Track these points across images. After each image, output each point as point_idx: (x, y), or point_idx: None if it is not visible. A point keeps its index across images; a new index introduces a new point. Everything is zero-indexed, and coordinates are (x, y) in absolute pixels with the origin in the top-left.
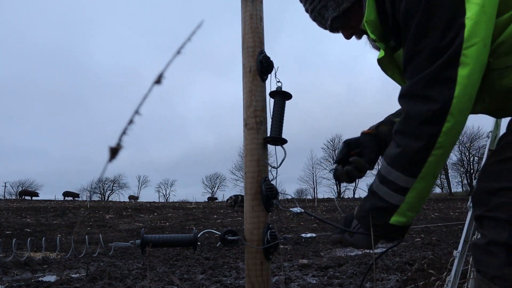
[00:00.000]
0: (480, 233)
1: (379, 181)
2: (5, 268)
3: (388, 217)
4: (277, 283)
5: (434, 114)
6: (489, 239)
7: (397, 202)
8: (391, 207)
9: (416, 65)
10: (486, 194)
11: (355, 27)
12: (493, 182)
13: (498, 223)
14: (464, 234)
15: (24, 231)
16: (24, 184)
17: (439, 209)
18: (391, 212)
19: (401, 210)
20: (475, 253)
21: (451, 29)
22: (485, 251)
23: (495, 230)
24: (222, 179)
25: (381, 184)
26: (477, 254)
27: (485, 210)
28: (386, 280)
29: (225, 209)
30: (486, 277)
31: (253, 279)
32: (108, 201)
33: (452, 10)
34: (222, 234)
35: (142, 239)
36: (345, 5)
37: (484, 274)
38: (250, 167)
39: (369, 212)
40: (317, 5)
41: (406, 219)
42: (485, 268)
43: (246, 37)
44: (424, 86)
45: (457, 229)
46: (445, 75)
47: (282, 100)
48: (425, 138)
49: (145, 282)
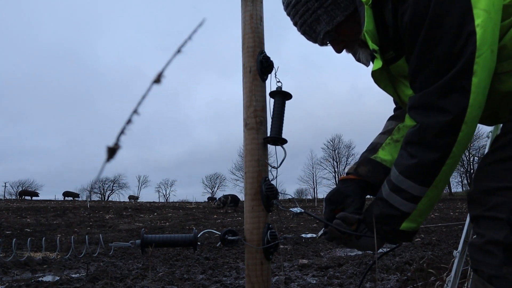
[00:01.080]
0: (476, 233)
1: (390, 189)
2: (5, 268)
3: (399, 224)
4: (277, 283)
5: (449, 124)
6: (486, 238)
7: (409, 210)
8: (402, 214)
9: (426, 75)
10: (484, 194)
11: (347, 41)
12: (491, 182)
13: (495, 222)
14: (464, 234)
15: (24, 231)
16: (24, 184)
17: (439, 209)
18: (402, 219)
19: (412, 217)
20: (472, 252)
21: (460, 37)
22: (482, 251)
23: (492, 230)
24: (222, 179)
25: (392, 193)
26: (474, 254)
27: (483, 210)
28: (386, 280)
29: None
30: (483, 277)
31: (253, 279)
32: (108, 201)
33: (460, 17)
34: (222, 234)
35: (142, 239)
36: (339, 18)
37: (481, 274)
38: (250, 167)
39: (379, 219)
40: (308, 18)
41: (416, 224)
42: (483, 267)
43: (246, 37)
44: (438, 96)
45: (457, 229)
46: (460, 85)
47: (282, 100)
48: (441, 149)
49: (145, 282)
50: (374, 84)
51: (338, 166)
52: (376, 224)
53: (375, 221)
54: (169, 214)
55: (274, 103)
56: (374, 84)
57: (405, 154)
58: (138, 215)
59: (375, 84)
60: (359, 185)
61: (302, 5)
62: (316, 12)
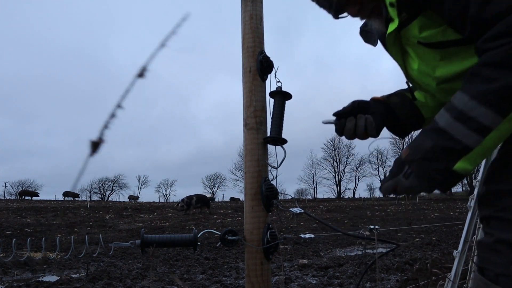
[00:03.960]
0: (486, 232)
1: (454, 117)
2: (5, 268)
3: (455, 161)
4: (277, 283)
5: None
6: (495, 237)
7: (472, 144)
8: (463, 149)
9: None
10: (495, 196)
11: (363, 3)
12: (502, 185)
13: (505, 223)
14: (464, 234)
15: (24, 231)
16: (24, 184)
17: (439, 209)
18: (460, 155)
19: (472, 155)
20: (481, 251)
21: None
22: (491, 249)
23: (502, 230)
24: (222, 179)
25: (456, 121)
26: (482, 252)
27: (494, 211)
28: (386, 280)
29: (225, 209)
30: (489, 275)
31: (253, 279)
32: (108, 201)
33: None
34: (222, 234)
35: (142, 239)
36: None
37: (488, 272)
38: (250, 167)
39: (431, 153)
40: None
41: (473, 166)
42: (490, 266)
43: (246, 37)
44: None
45: (457, 229)
46: None
47: (282, 100)
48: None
49: (145, 282)
50: (382, 87)
51: (338, 166)
52: (423, 160)
53: (423, 156)
54: (169, 214)
55: (274, 103)
56: (382, 87)
57: (480, 78)
58: (138, 215)
59: (386, 51)
60: (387, 110)
61: None
62: None
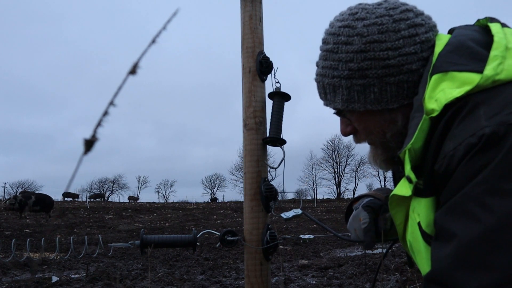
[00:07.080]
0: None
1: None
2: (4, 268)
3: None
4: (276, 284)
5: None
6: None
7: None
8: None
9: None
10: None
11: (362, 131)
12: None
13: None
14: None
15: (24, 232)
16: (23, 185)
17: None
18: None
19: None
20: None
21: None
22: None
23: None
24: (222, 179)
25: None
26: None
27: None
28: (386, 281)
29: (224, 210)
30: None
31: (252, 280)
32: (107, 202)
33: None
34: (221, 235)
35: (142, 240)
36: (380, 105)
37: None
38: (250, 168)
39: None
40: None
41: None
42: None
43: (246, 37)
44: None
45: None
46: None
47: (281, 101)
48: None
49: (145, 282)
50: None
51: (338, 166)
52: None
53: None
54: (168, 214)
55: (273, 104)
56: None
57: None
58: (138, 216)
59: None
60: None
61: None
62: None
